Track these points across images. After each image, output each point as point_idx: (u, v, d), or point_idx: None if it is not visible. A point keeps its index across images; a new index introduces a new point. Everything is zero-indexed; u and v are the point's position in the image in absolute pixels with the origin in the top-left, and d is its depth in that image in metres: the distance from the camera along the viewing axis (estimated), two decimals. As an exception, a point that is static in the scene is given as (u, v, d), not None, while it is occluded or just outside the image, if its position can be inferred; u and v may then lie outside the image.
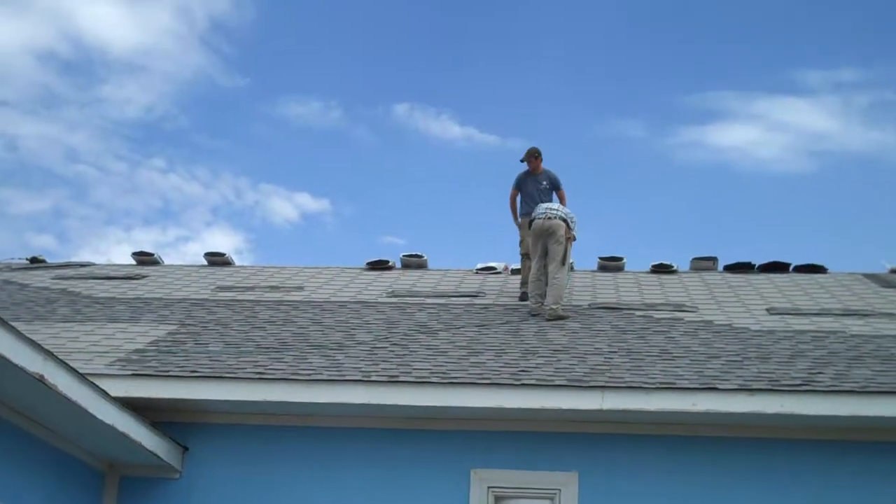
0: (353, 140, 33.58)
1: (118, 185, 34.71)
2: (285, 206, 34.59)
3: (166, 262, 15.04)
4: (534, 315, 10.88)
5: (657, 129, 32.92)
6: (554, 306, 10.70)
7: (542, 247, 11.30)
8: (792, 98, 32.50)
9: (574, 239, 11.51)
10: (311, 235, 33.98)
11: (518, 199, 12.56)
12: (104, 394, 7.27)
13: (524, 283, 12.01)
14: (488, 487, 8.16)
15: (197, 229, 34.50)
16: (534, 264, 11.35)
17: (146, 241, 36.36)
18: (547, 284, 11.06)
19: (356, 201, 34.41)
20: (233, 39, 34.35)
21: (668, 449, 8.15)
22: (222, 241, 35.63)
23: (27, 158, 33.97)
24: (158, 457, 8.00)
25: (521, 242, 12.44)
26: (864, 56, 31.52)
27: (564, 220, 11.30)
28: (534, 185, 12.43)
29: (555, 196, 12.28)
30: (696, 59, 32.44)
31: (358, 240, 33.53)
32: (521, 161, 12.59)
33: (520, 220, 12.43)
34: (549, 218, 11.28)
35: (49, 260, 15.02)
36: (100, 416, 7.16)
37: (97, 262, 14.97)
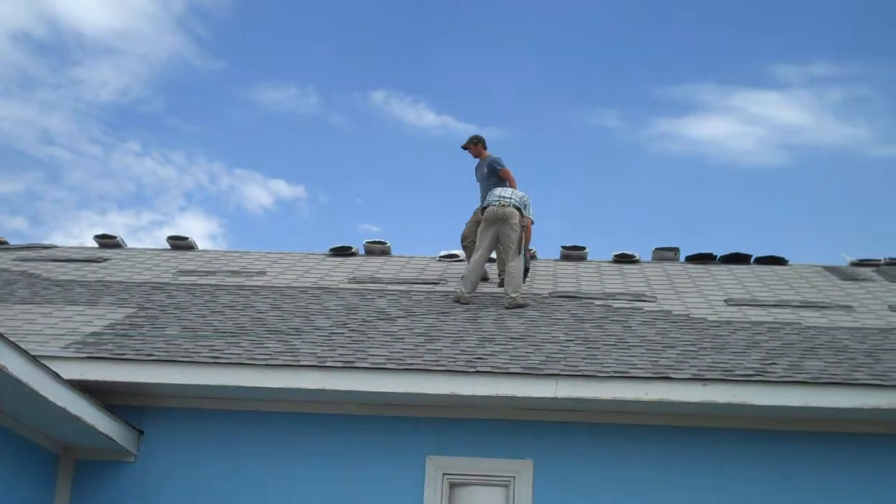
0: (330, 127, 33.59)
1: (92, 168, 34.57)
2: (260, 193, 34.52)
3: (138, 246, 15.00)
4: (459, 302, 10.85)
5: (634, 121, 33.08)
6: (513, 294, 10.71)
7: (493, 234, 11.33)
8: (767, 92, 32.72)
9: (532, 222, 11.54)
10: (286, 222, 33.98)
11: None
12: (56, 376, 7.24)
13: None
14: (443, 474, 8.18)
15: (171, 214, 34.40)
16: (478, 253, 11.33)
17: (120, 224, 36.26)
18: (503, 273, 11.12)
19: (332, 188, 34.43)
20: (210, 23, 34.20)
21: (622, 437, 8.20)
22: (196, 226, 35.55)
23: (0, 140, 33.79)
24: (113, 440, 7.98)
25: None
26: (837, 51, 31.79)
27: (518, 208, 11.32)
28: (479, 172, 12.55)
29: (506, 182, 12.26)
30: (673, 52, 32.60)
31: (333, 227, 33.57)
32: (463, 148, 12.71)
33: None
34: (503, 205, 11.29)
35: (22, 242, 14.94)
36: (52, 399, 7.12)
37: (66, 245, 14.89)
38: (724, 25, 32.11)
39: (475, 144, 12.64)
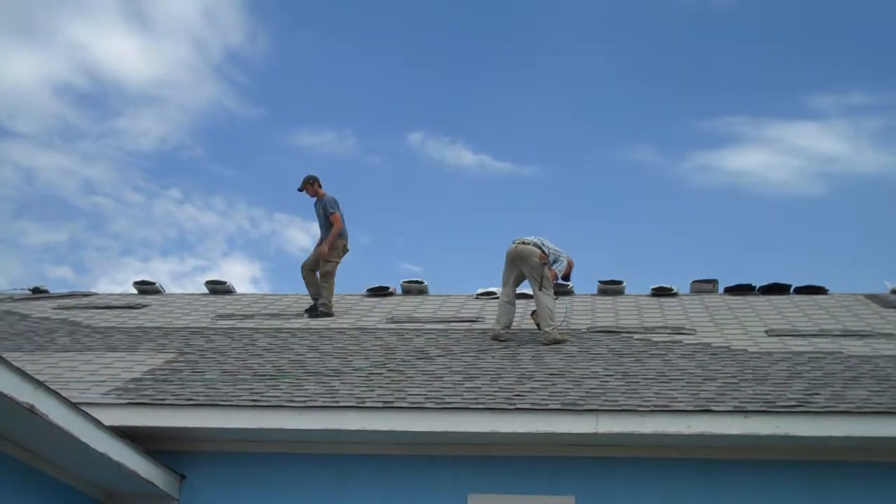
0: (368, 169, 33.82)
1: (135, 215, 34.98)
2: (301, 236, 34.66)
3: (181, 291, 15.13)
4: (496, 339, 10.82)
5: (670, 154, 33.10)
6: (548, 330, 10.68)
7: (517, 273, 11.32)
8: (803, 122, 32.68)
9: (556, 276, 11.42)
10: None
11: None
12: (97, 422, 7.29)
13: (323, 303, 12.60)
14: (485, 512, 8.15)
15: (214, 259, 34.71)
16: (505, 290, 11.37)
17: (164, 270, 36.66)
18: (535, 312, 11.08)
19: (371, 229, 34.55)
20: (248, 70, 34.65)
21: (663, 472, 8.13)
22: (239, 270, 35.78)
23: (44, 190, 34.27)
24: (155, 485, 8.00)
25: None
26: (873, 80, 31.66)
27: (539, 246, 11.28)
28: (317, 210, 13.23)
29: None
30: (708, 85, 32.64)
31: (374, 268, 33.62)
32: (299, 191, 13.26)
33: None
34: (524, 243, 11.29)
35: (64, 291, 15.07)
36: (93, 445, 7.18)
37: (107, 293, 15.00)
38: (760, 58, 32.15)
39: (311, 185, 13.20)
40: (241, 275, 36.47)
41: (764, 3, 32.01)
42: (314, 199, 13.32)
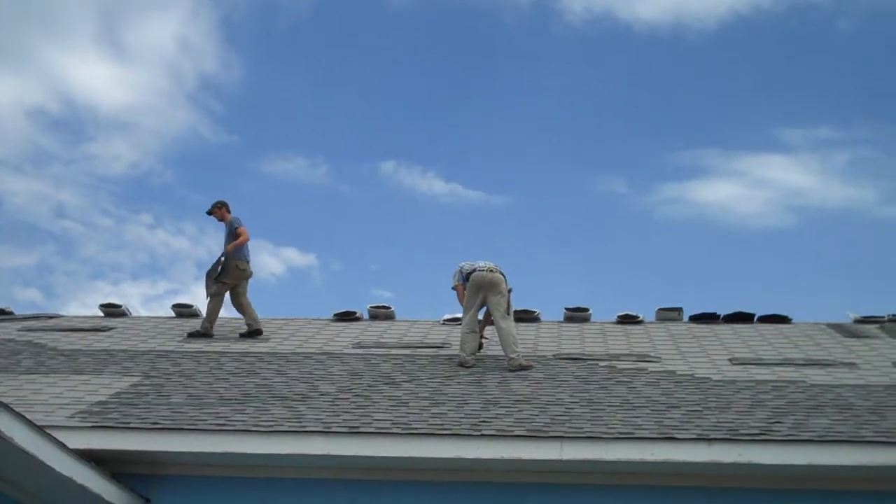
0: (340, 196, 33.97)
1: (105, 240, 34.86)
2: (272, 261, 34.64)
3: (152, 315, 15.07)
4: (463, 366, 10.89)
5: (640, 186, 33.37)
6: (512, 356, 10.75)
7: (482, 299, 11.43)
8: (772, 155, 33.02)
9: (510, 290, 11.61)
10: (298, 290, 34.10)
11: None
12: (62, 446, 7.26)
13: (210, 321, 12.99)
14: (450, 538, 8.16)
15: (186, 283, 34.63)
16: (468, 317, 11.45)
17: (134, 294, 36.53)
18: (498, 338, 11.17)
19: (343, 256, 34.64)
20: (221, 97, 34.76)
21: (627, 499, 8.15)
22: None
23: (14, 214, 34.13)
24: (119, 509, 7.97)
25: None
26: (842, 115, 32.12)
27: (503, 274, 11.44)
28: (225, 233, 13.48)
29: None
30: (679, 118, 33.00)
31: (346, 294, 33.69)
32: (207, 214, 13.68)
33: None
34: (491, 271, 11.48)
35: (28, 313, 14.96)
36: (58, 469, 7.14)
37: (72, 315, 14.92)
38: (730, 91, 32.54)
39: (219, 209, 13.60)
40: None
41: (736, 38, 32.45)
42: (222, 223, 13.62)
